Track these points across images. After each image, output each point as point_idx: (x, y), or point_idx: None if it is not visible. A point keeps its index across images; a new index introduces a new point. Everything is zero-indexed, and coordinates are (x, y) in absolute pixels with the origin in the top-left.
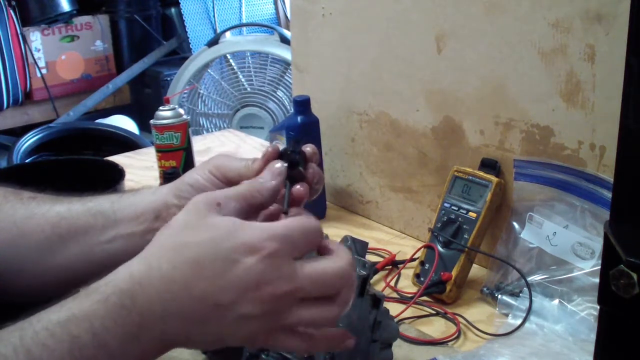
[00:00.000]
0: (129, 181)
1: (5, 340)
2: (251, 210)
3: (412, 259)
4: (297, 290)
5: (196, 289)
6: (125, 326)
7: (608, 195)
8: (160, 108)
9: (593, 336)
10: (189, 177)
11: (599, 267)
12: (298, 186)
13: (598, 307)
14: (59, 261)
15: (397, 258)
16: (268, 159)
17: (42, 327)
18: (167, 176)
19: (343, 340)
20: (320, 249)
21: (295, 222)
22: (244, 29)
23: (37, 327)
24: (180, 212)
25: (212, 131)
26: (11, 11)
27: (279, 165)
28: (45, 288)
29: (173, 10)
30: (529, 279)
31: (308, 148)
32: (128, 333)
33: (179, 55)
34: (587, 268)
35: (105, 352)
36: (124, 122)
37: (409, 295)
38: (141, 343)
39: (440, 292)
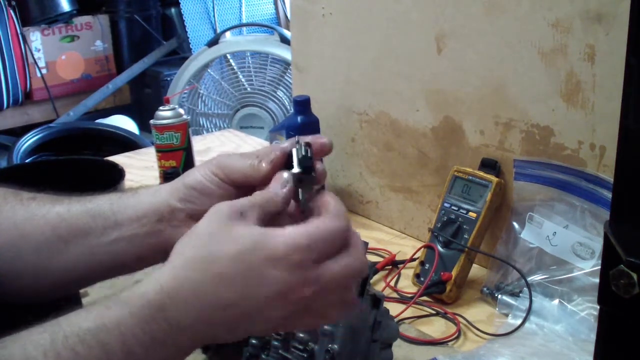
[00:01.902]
0: (129, 181)
1: (35, 341)
2: (269, 218)
3: (412, 259)
4: (323, 290)
5: (225, 301)
6: (154, 334)
7: (608, 195)
8: (160, 108)
9: (593, 336)
10: (191, 178)
11: (599, 267)
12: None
13: (598, 307)
14: (60, 263)
15: (397, 258)
16: (276, 163)
17: (72, 332)
18: (167, 176)
19: (353, 309)
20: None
21: (319, 228)
22: (244, 29)
23: (67, 332)
24: (203, 220)
25: (212, 131)
26: (11, 11)
27: (285, 175)
28: (47, 289)
29: (173, 10)
30: (529, 279)
31: (321, 140)
32: (156, 340)
33: (179, 55)
34: (587, 268)
35: (131, 357)
36: (124, 122)
37: (409, 295)
38: (168, 348)
39: (440, 292)
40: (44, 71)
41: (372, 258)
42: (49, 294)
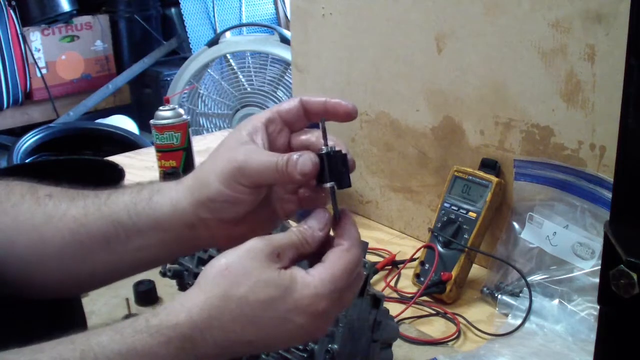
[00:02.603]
0: (128, 181)
1: (65, 357)
2: (301, 257)
3: (412, 259)
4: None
5: (250, 339)
6: None
7: (608, 195)
8: (160, 108)
9: (593, 336)
10: (215, 191)
11: (599, 267)
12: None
13: (598, 307)
14: (86, 267)
15: (397, 258)
16: (311, 175)
17: (102, 354)
18: (167, 176)
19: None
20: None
21: (340, 268)
22: (244, 29)
23: (98, 353)
24: (240, 255)
25: (212, 131)
26: (11, 11)
27: (326, 218)
28: (73, 289)
29: (173, 10)
30: (529, 279)
31: (346, 107)
32: None
33: (179, 55)
34: (587, 268)
35: None
36: (124, 122)
37: (409, 295)
38: None
39: (440, 292)
40: (44, 71)
41: (372, 258)
42: (75, 291)
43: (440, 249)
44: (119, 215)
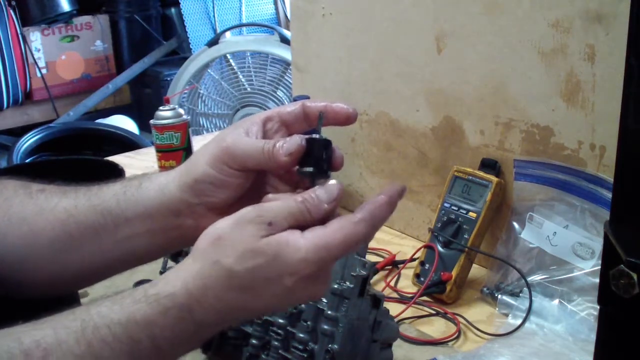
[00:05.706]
0: None
1: (66, 327)
2: (300, 227)
3: (412, 259)
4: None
5: (246, 305)
6: (181, 333)
7: (608, 195)
8: (160, 108)
9: (593, 336)
10: (201, 172)
11: (599, 267)
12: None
13: (598, 307)
14: (75, 260)
15: (397, 258)
16: (295, 157)
17: (102, 324)
18: None
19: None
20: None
21: (340, 239)
22: (244, 29)
23: (98, 322)
24: (231, 224)
25: (212, 131)
26: (11, 11)
27: (337, 189)
28: (63, 283)
29: (173, 10)
30: (529, 279)
31: (346, 110)
32: (183, 339)
33: (179, 55)
34: (587, 268)
35: (158, 352)
36: (124, 122)
37: (409, 295)
38: (192, 344)
39: (440, 292)
40: (44, 71)
41: (372, 258)
42: (66, 287)
43: (440, 249)
44: (108, 204)
